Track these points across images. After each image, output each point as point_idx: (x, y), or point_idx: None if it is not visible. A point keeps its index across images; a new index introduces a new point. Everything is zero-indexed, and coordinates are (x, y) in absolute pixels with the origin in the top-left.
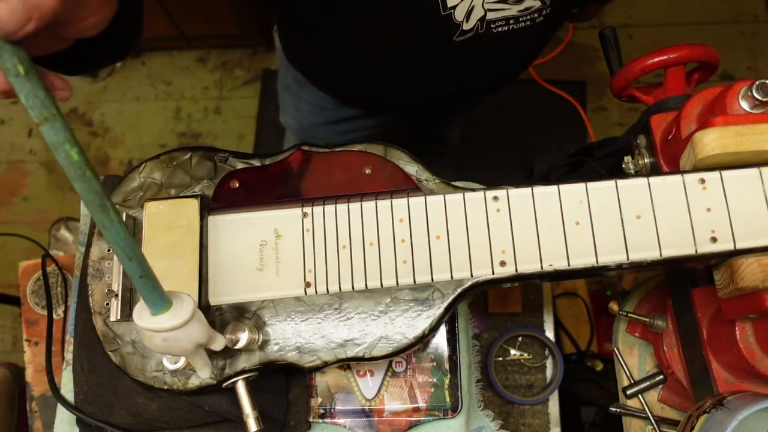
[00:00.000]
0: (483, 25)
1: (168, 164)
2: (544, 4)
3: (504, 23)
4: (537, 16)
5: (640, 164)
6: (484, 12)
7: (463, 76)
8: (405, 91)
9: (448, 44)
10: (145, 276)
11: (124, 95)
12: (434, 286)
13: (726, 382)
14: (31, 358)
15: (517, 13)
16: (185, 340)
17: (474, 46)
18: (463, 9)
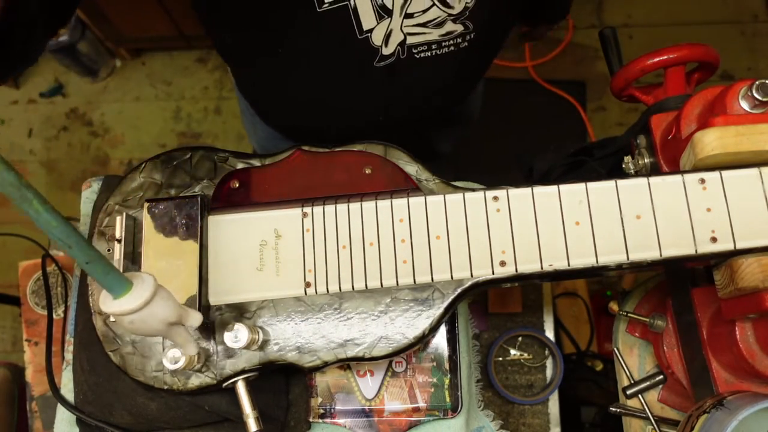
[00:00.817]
0: (404, 50)
1: (168, 164)
2: (467, 28)
3: (426, 48)
4: (461, 41)
5: (640, 164)
6: (403, 36)
7: (390, 103)
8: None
9: (369, 70)
10: (91, 261)
11: (124, 95)
12: (434, 286)
13: (726, 382)
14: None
15: (439, 38)
16: (153, 321)
17: (397, 72)
18: (380, 33)
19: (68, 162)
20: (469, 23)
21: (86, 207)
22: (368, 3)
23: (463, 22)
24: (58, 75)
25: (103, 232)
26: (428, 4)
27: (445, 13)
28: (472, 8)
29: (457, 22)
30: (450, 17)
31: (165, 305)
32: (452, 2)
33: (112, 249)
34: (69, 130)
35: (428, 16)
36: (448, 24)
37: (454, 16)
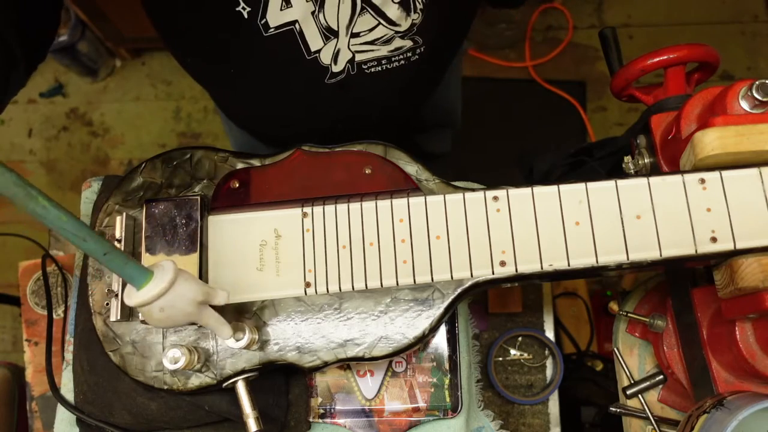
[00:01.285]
0: (354, 67)
1: (168, 164)
2: (417, 43)
3: (376, 63)
4: (411, 54)
5: (640, 164)
6: (351, 54)
7: (349, 114)
8: (294, 131)
9: (322, 86)
10: (109, 252)
11: (124, 95)
12: (434, 286)
13: (726, 382)
14: (31, 358)
15: (388, 54)
16: (182, 302)
17: (349, 87)
18: (328, 53)
19: (68, 162)
20: (418, 38)
21: (86, 207)
22: (313, 26)
23: (411, 38)
24: (58, 75)
25: (103, 232)
26: (374, 23)
27: (391, 30)
28: (420, 24)
29: (406, 38)
30: (397, 34)
31: (189, 285)
32: (398, 20)
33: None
34: (69, 130)
35: (375, 34)
36: (396, 40)
37: (401, 33)
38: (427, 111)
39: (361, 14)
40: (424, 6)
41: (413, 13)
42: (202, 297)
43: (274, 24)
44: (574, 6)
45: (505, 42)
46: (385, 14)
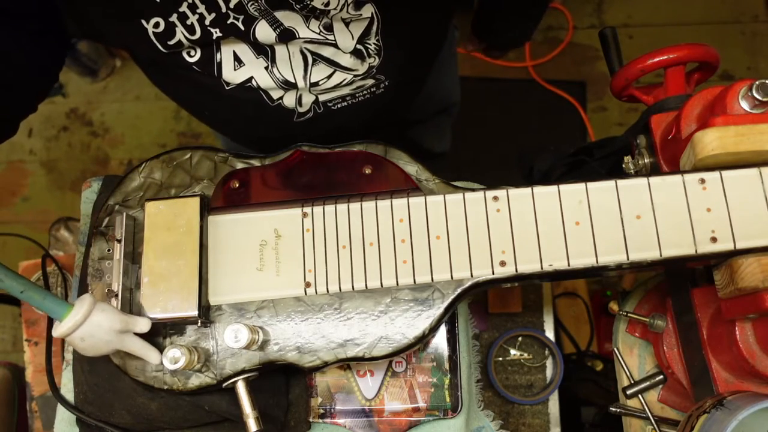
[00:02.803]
0: (320, 106)
1: (168, 164)
2: (379, 80)
3: (341, 101)
4: (375, 89)
5: (640, 164)
6: (314, 96)
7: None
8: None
9: (291, 125)
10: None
11: (124, 95)
12: (434, 286)
13: (726, 382)
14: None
15: (351, 92)
16: (101, 332)
17: (317, 123)
18: (291, 98)
19: (68, 162)
20: (380, 76)
21: (86, 207)
22: (270, 80)
23: (372, 77)
24: None
25: (103, 232)
26: (329, 71)
27: (350, 75)
28: (379, 65)
29: (367, 78)
30: (357, 77)
31: (106, 315)
32: (354, 66)
33: (112, 249)
34: (69, 130)
35: (333, 80)
36: (357, 82)
37: (361, 75)
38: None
39: (314, 65)
40: (379, 50)
41: (368, 58)
42: (121, 325)
43: (232, 81)
44: (574, 6)
45: None
46: (339, 63)
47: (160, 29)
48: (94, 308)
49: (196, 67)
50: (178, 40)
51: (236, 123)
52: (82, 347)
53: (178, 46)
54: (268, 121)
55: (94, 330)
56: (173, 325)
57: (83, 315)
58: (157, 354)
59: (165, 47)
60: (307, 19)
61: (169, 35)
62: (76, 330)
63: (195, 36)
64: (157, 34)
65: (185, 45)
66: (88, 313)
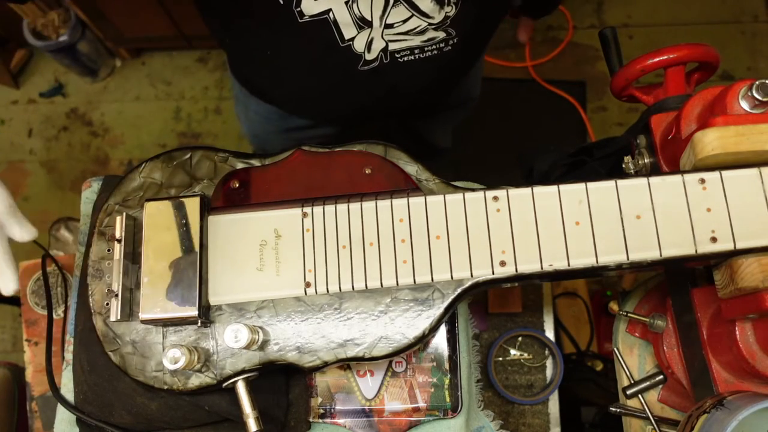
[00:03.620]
0: (387, 56)
1: (168, 164)
2: (449, 35)
3: (409, 53)
4: (444, 45)
5: (640, 164)
6: (385, 43)
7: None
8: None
9: (355, 72)
10: None
11: (124, 95)
12: (434, 286)
13: (726, 382)
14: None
15: (421, 44)
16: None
17: (383, 74)
18: (362, 41)
19: (68, 162)
20: (452, 30)
21: (86, 207)
22: (347, 15)
23: (444, 30)
24: (58, 75)
25: (103, 232)
26: (407, 14)
27: (425, 22)
28: (454, 17)
29: (439, 29)
30: (431, 26)
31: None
32: (431, 12)
33: (112, 249)
34: (69, 130)
35: (408, 25)
36: (430, 32)
37: (435, 24)
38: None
39: (394, 6)
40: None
41: (446, 6)
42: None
43: (308, 12)
44: (574, 6)
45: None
46: (419, 7)
47: None
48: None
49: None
50: None
51: (298, 66)
52: None
53: None
54: (332, 66)
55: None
56: (173, 325)
57: None
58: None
59: None
60: None
61: None
62: None
63: None
64: None
65: None
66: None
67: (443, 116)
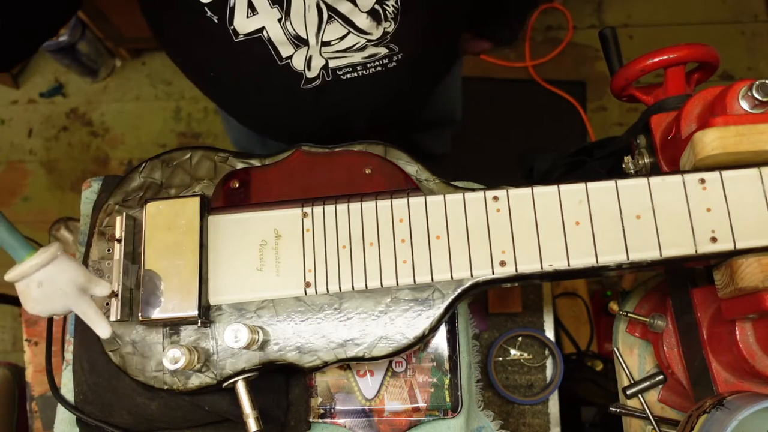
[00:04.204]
0: (329, 73)
1: (168, 164)
2: (392, 50)
3: (351, 70)
4: (387, 62)
5: (640, 164)
6: (324, 60)
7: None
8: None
9: (299, 91)
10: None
11: (124, 95)
12: (434, 286)
13: (726, 382)
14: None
15: (363, 60)
16: (62, 279)
17: (328, 93)
18: (300, 59)
19: (68, 162)
20: (394, 46)
21: (86, 207)
22: (281, 33)
23: (386, 46)
24: (58, 75)
25: (103, 232)
26: (343, 31)
27: (363, 39)
28: (394, 32)
29: (380, 46)
30: (370, 42)
31: (72, 263)
32: (368, 29)
33: (112, 249)
34: (69, 130)
35: (346, 42)
36: (370, 48)
37: (374, 41)
38: (425, 112)
39: (329, 23)
40: (396, 15)
41: (384, 22)
42: (84, 279)
43: (242, 31)
44: (574, 6)
45: None
46: (354, 23)
47: None
48: (60, 255)
49: (208, 9)
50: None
51: (242, 87)
52: (35, 296)
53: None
54: (274, 86)
55: (55, 275)
56: (173, 325)
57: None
58: (108, 328)
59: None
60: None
61: None
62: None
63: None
64: None
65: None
66: (55, 254)
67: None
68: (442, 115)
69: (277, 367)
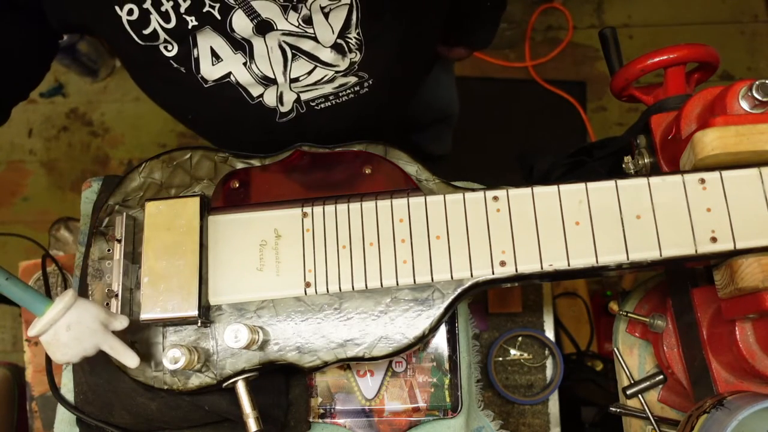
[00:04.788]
0: (302, 106)
1: (168, 164)
2: (361, 78)
3: (323, 100)
4: (359, 89)
5: (640, 164)
6: (296, 95)
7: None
8: None
9: (275, 125)
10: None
11: (124, 95)
12: (434, 286)
13: (726, 382)
14: (31, 358)
15: (334, 90)
16: (88, 318)
17: (304, 122)
18: (271, 96)
19: (68, 162)
20: (363, 74)
21: (86, 207)
22: (248, 76)
23: (355, 74)
24: (58, 75)
25: (103, 232)
26: (310, 66)
27: (331, 71)
28: (361, 62)
29: (349, 75)
30: (338, 73)
31: (91, 303)
32: (334, 62)
33: (112, 249)
34: (69, 130)
35: (314, 77)
36: (339, 79)
37: (342, 71)
38: (420, 111)
39: (294, 60)
40: (360, 44)
41: (350, 53)
42: (104, 315)
43: (210, 78)
44: (574, 6)
45: (505, 42)
46: (319, 58)
47: (134, 16)
48: (77, 300)
49: (174, 62)
50: (153, 30)
51: (220, 126)
52: (65, 340)
53: (154, 38)
54: (251, 123)
55: (81, 316)
56: (173, 325)
57: (72, 297)
58: (136, 357)
59: (141, 38)
60: (285, 10)
61: (144, 23)
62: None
63: (170, 24)
64: (131, 22)
65: (161, 38)
66: (75, 297)
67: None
68: (438, 113)
69: (277, 367)
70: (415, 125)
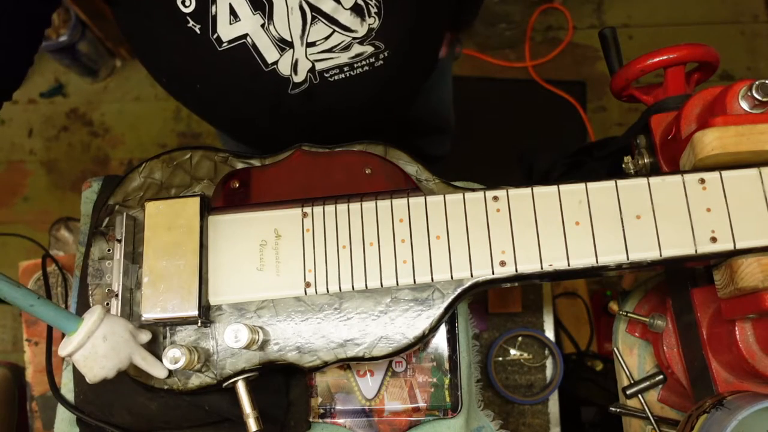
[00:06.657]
0: (316, 76)
1: (168, 164)
2: (378, 48)
3: (338, 71)
4: (374, 60)
5: (640, 164)
6: (311, 63)
7: (320, 124)
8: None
9: (286, 97)
10: (39, 298)
11: (124, 95)
12: (434, 286)
13: (726, 382)
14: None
15: (349, 60)
16: (121, 327)
17: (316, 97)
18: (286, 63)
19: (68, 162)
20: (379, 43)
21: (86, 207)
22: (265, 38)
23: (371, 43)
24: (58, 75)
25: (103, 232)
26: (328, 30)
27: (348, 37)
28: (379, 29)
29: (365, 43)
30: (355, 40)
31: (117, 318)
32: (353, 25)
33: (112, 249)
34: (69, 130)
35: (331, 42)
36: (355, 47)
37: (359, 38)
38: (424, 115)
39: (313, 23)
40: (379, 10)
41: (368, 18)
42: (132, 326)
43: (225, 38)
44: (574, 6)
45: (505, 42)
46: (338, 21)
47: None
48: (107, 315)
49: (190, 18)
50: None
51: (229, 96)
52: (103, 351)
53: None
54: (261, 92)
55: (114, 326)
56: (173, 325)
57: (102, 311)
58: (164, 368)
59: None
60: None
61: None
62: (98, 328)
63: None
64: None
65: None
66: (104, 312)
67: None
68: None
69: (277, 367)
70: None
